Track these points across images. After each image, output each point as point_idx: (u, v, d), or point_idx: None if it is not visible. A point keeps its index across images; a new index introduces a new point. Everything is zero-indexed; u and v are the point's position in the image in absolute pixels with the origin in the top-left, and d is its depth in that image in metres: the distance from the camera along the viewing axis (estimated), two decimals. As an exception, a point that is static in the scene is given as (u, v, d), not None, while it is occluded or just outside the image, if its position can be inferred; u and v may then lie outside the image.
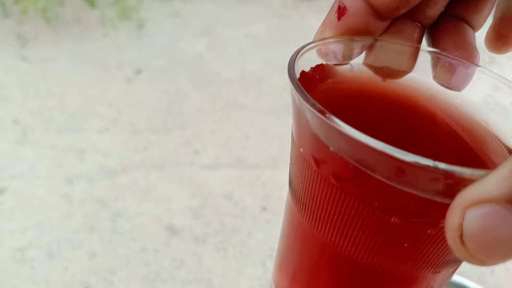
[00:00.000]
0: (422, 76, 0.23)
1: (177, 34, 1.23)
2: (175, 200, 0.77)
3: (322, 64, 0.22)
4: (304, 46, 0.21)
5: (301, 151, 0.20)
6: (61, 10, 1.10)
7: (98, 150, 0.84)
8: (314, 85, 0.19)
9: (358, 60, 0.23)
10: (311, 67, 0.22)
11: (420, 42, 0.23)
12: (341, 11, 0.21)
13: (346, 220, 0.19)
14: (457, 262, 0.21)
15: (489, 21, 0.23)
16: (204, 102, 1.01)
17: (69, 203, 0.74)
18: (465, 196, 0.14)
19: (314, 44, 0.22)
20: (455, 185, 0.15)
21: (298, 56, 0.20)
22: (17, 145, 0.82)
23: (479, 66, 0.22)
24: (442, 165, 0.15)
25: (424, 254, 0.19)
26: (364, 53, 0.23)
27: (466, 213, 0.14)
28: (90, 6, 1.09)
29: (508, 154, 0.21)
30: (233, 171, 0.84)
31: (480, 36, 0.23)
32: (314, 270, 0.23)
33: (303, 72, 0.21)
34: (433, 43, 0.23)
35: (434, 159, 0.15)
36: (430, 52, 0.23)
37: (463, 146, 0.22)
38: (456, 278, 0.61)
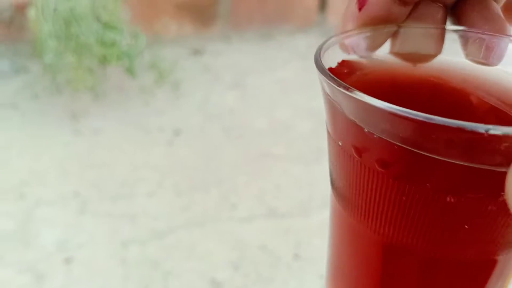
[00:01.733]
0: (453, 57, 0.22)
1: (210, 89, 1.34)
2: (216, 254, 0.87)
3: (348, 59, 0.22)
4: (327, 40, 0.21)
5: (340, 144, 0.20)
6: (107, 84, 1.24)
7: (148, 213, 0.95)
8: (343, 79, 0.18)
9: (384, 50, 0.23)
10: (337, 62, 0.22)
11: (444, 23, 0.22)
12: (361, 2, 0.21)
13: (398, 208, 0.18)
14: None
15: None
16: (237, 155, 1.10)
17: (125, 266, 0.85)
18: None
19: (337, 38, 0.21)
20: (510, 150, 0.14)
21: (322, 49, 0.20)
22: (78, 216, 0.95)
23: None
24: (494, 128, 0.14)
25: (487, 234, 0.18)
26: (389, 42, 0.22)
27: None
28: (131, 76, 1.22)
29: None
30: (266, 222, 0.93)
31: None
32: (370, 271, 0.22)
33: (330, 69, 0.20)
34: (459, 21, 0.22)
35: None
36: (457, 31, 0.22)
37: (508, 118, 0.20)
38: None
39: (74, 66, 1.17)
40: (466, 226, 0.18)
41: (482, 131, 0.14)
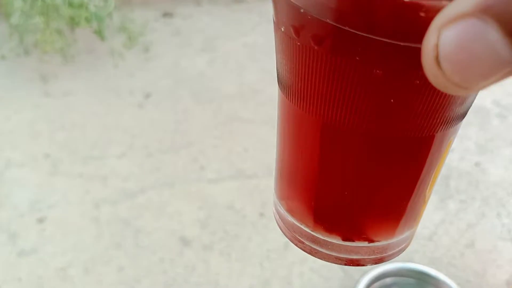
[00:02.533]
0: None
1: (180, 53, 1.35)
2: (185, 214, 0.91)
3: None
4: None
5: (282, 30, 0.20)
6: (76, 47, 1.23)
7: (119, 174, 0.98)
8: None
9: None
10: None
11: None
12: None
13: (332, 84, 0.19)
14: (452, 120, 0.21)
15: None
16: (207, 118, 1.13)
17: (98, 225, 0.89)
18: (439, 16, 0.13)
19: None
20: (430, 19, 0.14)
21: None
22: (50, 177, 0.97)
23: None
24: None
25: (418, 109, 0.19)
26: None
27: (441, 32, 0.13)
28: (100, 39, 1.22)
29: None
30: (233, 183, 0.97)
31: None
32: (312, 156, 0.23)
33: None
34: None
35: None
36: None
37: None
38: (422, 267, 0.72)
39: (41, 27, 1.16)
40: (393, 100, 0.18)
41: None
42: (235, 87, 1.23)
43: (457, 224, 0.91)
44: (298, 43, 0.19)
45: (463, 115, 0.21)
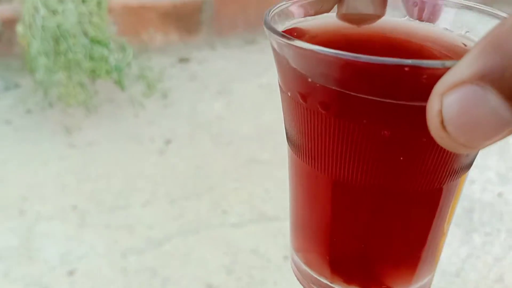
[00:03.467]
0: (395, 18, 0.24)
1: (197, 97, 1.39)
2: (210, 260, 0.92)
3: (296, 25, 0.24)
4: (277, 5, 0.23)
5: (289, 94, 0.21)
6: (97, 97, 1.28)
7: (144, 223, 1.01)
8: None
9: (330, 15, 0.25)
10: (286, 28, 0.24)
11: None
12: None
13: (341, 145, 0.20)
14: (459, 171, 0.21)
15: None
16: (226, 161, 1.16)
17: (126, 275, 0.90)
18: (440, 83, 0.14)
19: (287, 3, 0.23)
20: (431, 83, 0.15)
21: (271, 11, 0.22)
22: (78, 229, 1.00)
23: None
24: (409, 61, 0.16)
25: (426, 165, 0.19)
26: (336, 6, 0.24)
27: (443, 98, 0.14)
28: (121, 88, 1.26)
29: None
30: (256, 226, 0.98)
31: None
32: (325, 212, 0.23)
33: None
34: None
35: None
36: None
37: (439, 56, 0.23)
38: None
39: (64, 81, 1.21)
40: (402, 158, 0.19)
41: (405, 63, 0.16)
42: (253, 129, 1.26)
43: (484, 258, 0.91)
44: (306, 108, 0.20)
45: (470, 164, 0.22)
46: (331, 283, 0.25)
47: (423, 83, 0.16)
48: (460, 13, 0.23)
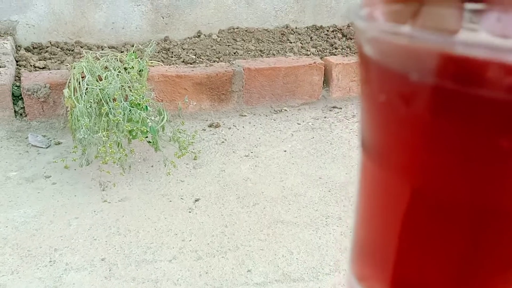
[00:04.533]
0: (472, 34, 0.22)
1: (225, 160, 1.45)
2: (234, 317, 0.93)
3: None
4: (358, 9, 0.20)
5: (384, 99, 0.19)
6: (132, 157, 1.35)
7: (170, 278, 1.03)
8: None
9: (405, 28, 0.22)
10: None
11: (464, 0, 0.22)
12: None
13: (448, 158, 0.17)
14: None
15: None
16: (252, 221, 1.19)
17: (150, 328, 0.92)
18: None
19: (365, 10, 0.20)
20: None
21: (358, 10, 0.20)
22: (105, 281, 1.03)
23: None
24: None
25: None
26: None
27: None
28: (154, 149, 1.33)
29: None
30: (280, 286, 1.00)
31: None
32: (411, 233, 0.20)
33: None
34: None
35: None
36: (476, 8, 0.21)
37: None
38: None
39: (103, 140, 1.29)
40: None
41: None
42: (278, 191, 1.30)
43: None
44: (406, 113, 0.17)
45: None
46: None
47: None
48: None
